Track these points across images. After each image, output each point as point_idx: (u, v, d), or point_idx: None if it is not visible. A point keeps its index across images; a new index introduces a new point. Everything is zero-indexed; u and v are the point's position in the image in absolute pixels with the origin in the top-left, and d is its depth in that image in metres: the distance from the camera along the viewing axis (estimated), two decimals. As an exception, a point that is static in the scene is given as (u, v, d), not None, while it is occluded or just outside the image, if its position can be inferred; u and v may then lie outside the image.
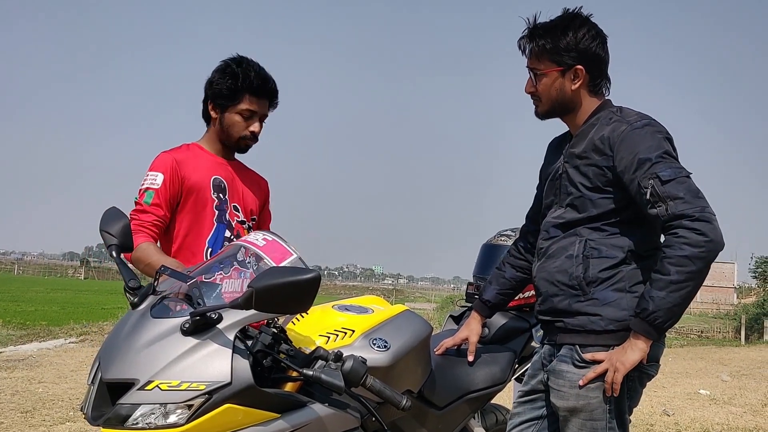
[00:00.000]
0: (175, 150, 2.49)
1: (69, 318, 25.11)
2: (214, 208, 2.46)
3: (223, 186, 2.49)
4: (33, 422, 5.34)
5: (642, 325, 1.87)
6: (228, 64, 2.44)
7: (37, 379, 7.45)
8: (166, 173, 2.39)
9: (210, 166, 2.49)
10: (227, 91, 2.42)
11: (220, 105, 2.46)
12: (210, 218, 2.45)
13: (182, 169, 2.42)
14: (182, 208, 2.42)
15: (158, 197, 2.37)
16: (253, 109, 2.46)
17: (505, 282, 2.44)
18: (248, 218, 2.58)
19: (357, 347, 1.95)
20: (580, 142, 2.08)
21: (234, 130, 2.47)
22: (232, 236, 2.49)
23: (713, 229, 1.80)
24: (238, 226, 2.53)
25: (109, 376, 1.59)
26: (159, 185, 2.37)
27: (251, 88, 2.43)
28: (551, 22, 2.10)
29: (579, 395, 1.98)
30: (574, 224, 2.06)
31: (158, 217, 2.36)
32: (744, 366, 12.62)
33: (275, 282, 1.50)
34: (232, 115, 2.45)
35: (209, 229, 2.45)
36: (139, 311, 1.71)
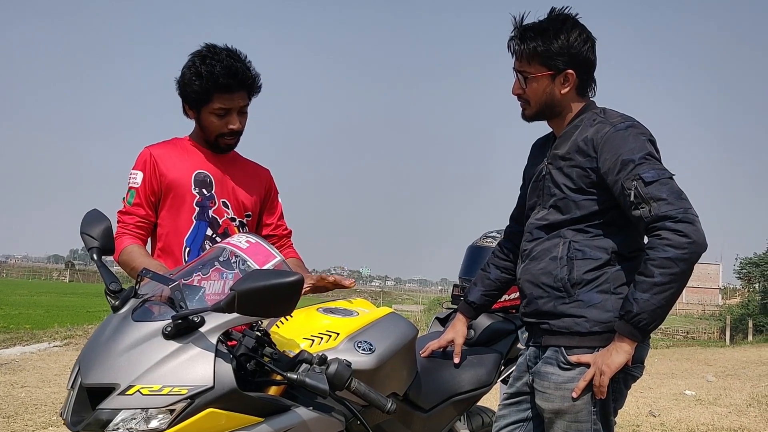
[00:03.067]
0: (158, 144, 2.42)
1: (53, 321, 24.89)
2: (195, 204, 2.36)
3: (208, 181, 2.39)
4: (15, 427, 5.28)
5: (626, 327, 1.87)
6: (193, 62, 2.30)
7: (19, 383, 7.37)
8: (144, 170, 2.33)
9: (196, 160, 2.39)
10: (195, 93, 2.30)
11: (194, 107, 2.36)
12: (189, 215, 2.36)
13: (160, 164, 2.34)
14: (163, 205, 2.35)
15: (139, 197, 2.32)
16: (226, 107, 2.32)
17: (490, 283, 2.43)
18: (240, 215, 2.46)
19: (342, 350, 1.93)
20: (563, 143, 2.07)
21: (211, 129, 2.36)
22: (216, 234, 2.39)
23: (696, 230, 1.80)
24: (226, 222, 2.43)
25: (89, 381, 1.56)
26: (139, 184, 2.31)
27: (218, 87, 2.28)
28: (542, 23, 2.08)
29: (564, 397, 1.97)
30: (557, 226, 2.06)
31: (140, 217, 2.31)
32: (729, 366, 12.71)
33: (258, 285, 1.48)
34: (207, 116, 2.34)
35: (188, 227, 2.36)
36: (121, 314, 1.68)
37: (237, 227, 2.45)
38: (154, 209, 2.35)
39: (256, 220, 2.57)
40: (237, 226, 2.45)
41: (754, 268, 57.36)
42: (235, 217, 2.45)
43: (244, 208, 2.47)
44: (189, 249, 2.35)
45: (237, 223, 2.45)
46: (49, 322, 24.57)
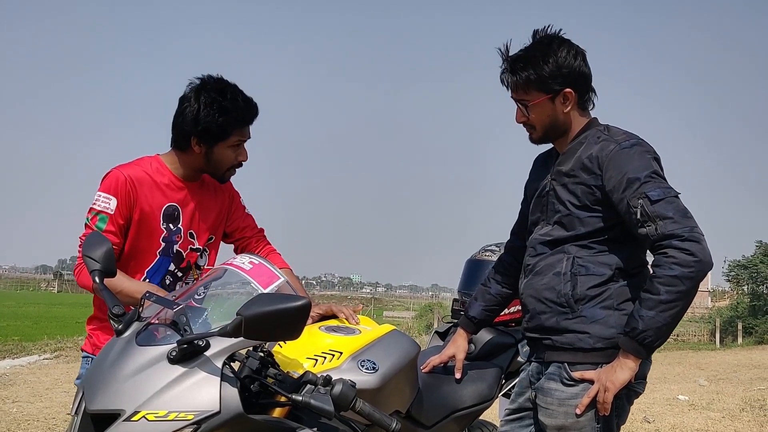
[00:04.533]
0: (132, 167, 2.31)
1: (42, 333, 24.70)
2: (161, 240, 2.34)
3: (176, 215, 2.35)
4: (8, 444, 5.24)
5: (631, 344, 1.88)
6: (214, 98, 2.24)
7: (11, 398, 7.32)
8: (119, 198, 2.24)
9: (165, 191, 2.33)
10: (218, 129, 2.25)
11: (207, 142, 2.28)
12: (154, 250, 2.33)
13: (136, 193, 2.26)
14: (129, 233, 2.29)
15: (112, 224, 2.23)
16: (243, 139, 2.34)
17: (490, 298, 2.43)
18: (203, 242, 2.44)
19: (345, 369, 1.92)
20: (567, 159, 2.08)
21: (224, 163, 2.33)
22: (177, 269, 2.38)
23: (702, 249, 1.81)
24: (190, 255, 2.42)
25: (94, 407, 1.55)
26: (113, 210, 2.23)
27: (243, 120, 2.29)
28: (529, 51, 2.09)
29: (567, 414, 1.98)
30: (561, 242, 2.07)
31: (114, 244, 2.20)
32: (720, 370, 12.77)
33: (265, 310, 1.48)
34: (224, 151, 2.30)
35: (151, 260, 2.34)
36: (124, 339, 1.67)
37: (199, 257, 2.45)
38: (124, 237, 2.29)
39: (221, 234, 2.53)
40: (199, 255, 2.45)
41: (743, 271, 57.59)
42: (199, 248, 2.43)
43: (207, 235, 2.46)
44: (147, 280, 2.33)
45: (200, 252, 2.44)
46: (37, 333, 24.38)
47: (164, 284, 2.36)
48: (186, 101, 2.28)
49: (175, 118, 2.33)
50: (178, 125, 2.31)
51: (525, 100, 2.10)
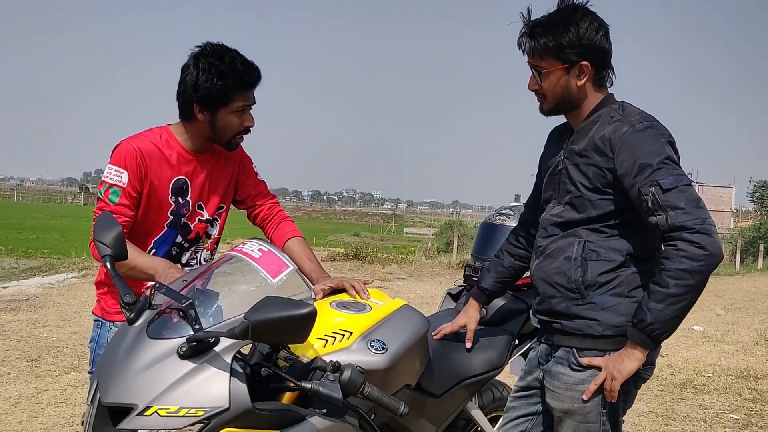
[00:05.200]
0: (142, 139, 2.31)
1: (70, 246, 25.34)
2: (169, 213, 2.35)
3: (184, 188, 2.36)
4: (39, 372, 5.44)
5: (639, 335, 1.88)
6: (211, 63, 2.22)
7: (41, 322, 7.55)
8: (131, 170, 2.24)
9: (176, 163, 2.34)
10: (218, 93, 2.22)
11: (209, 108, 2.26)
12: (162, 222, 2.35)
13: (146, 166, 2.27)
14: (140, 204, 2.31)
15: (125, 197, 2.24)
16: (247, 103, 2.30)
17: (503, 270, 2.43)
18: (213, 213, 2.47)
19: (355, 350, 1.95)
20: (581, 138, 2.04)
21: (229, 130, 2.31)
22: (185, 241, 2.41)
23: (713, 242, 1.79)
24: (198, 226, 2.44)
25: (109, 400, 1.59)
26: (125, 184, 2.24)
27: (242, 84, 2.25)
28: (551, 17, 2.02)
29: (574, 398, 2.00)
30: (573, 224, 2.04)
31: (127, 218, 2.24)
32: (738, 298, 12.80)
33: (271, 316, 1.49)
34: (227, 116, 2.28)
35: (159, 231, 2.36)
36: (136, 329, 1.70)
37: (207, 226, 2.46)
38: (137, 209, 2.30)
39: (229, 203, 2.54)
40: (208, 224, 2.46)
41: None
42: (208, 218, 2.45)
43: (216, 205, 2.46)
44: (154, 250, 2.35)
45: (207, 222, 2.45)
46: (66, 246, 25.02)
47: (170, 255, 2.38)
48: (186, 69, 2.27)
49: (178, 87, 2.30)
50: (181, 94, 2.30)
51: (540, 67, 2.05)
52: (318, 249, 24.99)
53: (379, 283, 13.11)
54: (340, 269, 15.57)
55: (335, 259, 17.42)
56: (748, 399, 5.56)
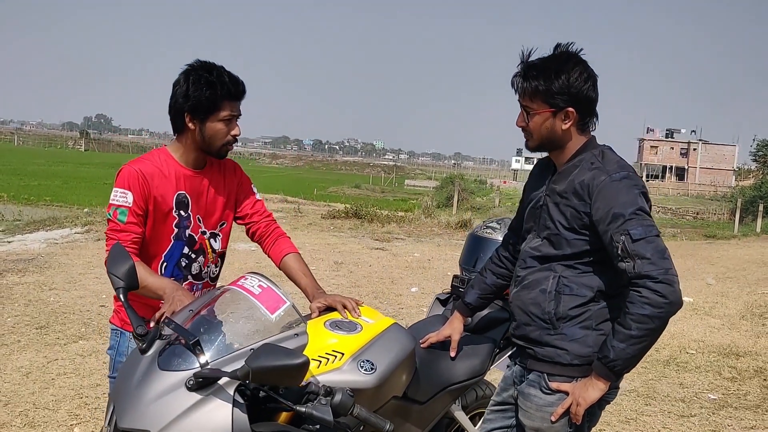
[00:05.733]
0: (143, 162, 2.50)
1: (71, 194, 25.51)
2: (174, 225, 2.52)
3: (186, 202, 2.53)
4: (48, 340, 5.67)
5: (603, 369, 2.07)
6: (200, 74, 2.42)
7: (47, 284, 7.77)
8: (134, 191, 2.42)
9: (176, 180, 2.51)
10: (207, 101, 2.41)
11: (199, 117, 2.45)
12: (168, 235, 2.52)
13: (149, 185, 2.45)
14: (147, 221, 2.48)
15: (132, 215, 2.42)
16: (234, 113, 2.48)
17: (486, 287, 2.61)
18: (214, 227, 2.64)
19: (346, 371, 2.14)
20: (562, 179, 2.19)
21: (217, 138, 2.49)
22: (191, 251, 2.57)
23: (673, 291, 1.96)
24: (201, 238, 2.60)
25: (124, 425, 1.79)
26: (131, 204, 2.42)
27: (229, 94, 2.45)
28: (545, 62, 2.15)
29: (544, 418, 2.21)
30: (549, 259, 2.21)
31: (136, 234, 2.42)
32: (731, 266, 13.01)
33: (269, 364, 1.67)
34: (214, 124, 2.46)
35: (167, 244, 2.53)
36: (148, 358, 1.88)
37: (208, 239, 2.62)
38: (144, 225, 2.47)
39: (234, 217, 2.73)
40: (209, 238, 2.62)
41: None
42: (206, 231, 2.61)
43: (217, 219, 2.64)
44: (165, 263, 2.54)
45: (209, 236, 2.62)
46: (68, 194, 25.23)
47: (180, 266, 2.56)
48: (177, 84, 2.47)
49: (169, 101, 2.50)
50: (173, 106, 2.49)
51: (529, 108, 2.19)
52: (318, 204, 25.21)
53: (378, 244, 13.33)
54: (340, 227, 15.77)
55: (335, 216, 17.59)
56: (727, 378, 5.80)
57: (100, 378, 4.86)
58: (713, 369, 6.04)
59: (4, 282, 7.80)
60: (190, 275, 2.59)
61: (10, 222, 15.44)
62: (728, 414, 4.93)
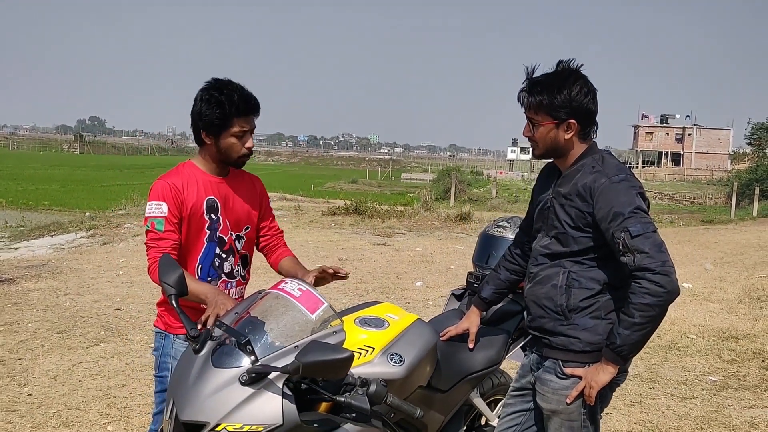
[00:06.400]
0: (172, 176, 2.71)
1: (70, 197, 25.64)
2: (206, 228, 2.72)
3: (215, 206, 2.73)
4: (70, 344, 5.85)
5: (611, 354, 2.29)
6: (212, 94, 2.62)
7: (62, 290, 7.95)
8: (168, 201, 2.63)
9: (204, 187, 2.72)
10: (218, 119, 2.62)
11: (213, 133, 2.66)
12: (202, 238, 2.72)
13: (181, 195, 2.65)
14: (183, 227, 2.68)
15: (169, 223, 2.62)
16: (245, 129, 2.68)
17: (500, 283, 2.83)
18: (239, 229, 2.83)
19: (377, 363, 2.35)
20: (566, 183, 2.40)
21: (232, 151, 2.69)
22: (222, 251, 2.78)
23: (670, 281, 2.18)
24: (230, 239, 2.80)
25: (185, 418, 1.99)
26: (166, 213, 2.62)
27: (239, 111, 2.64)
28: (548, 78, 2.37)
29: (559, 401, 2.42)
30: (558, 256, 2.43)
31: (174, 241, 2.63)
32: (728, 251, 13.23)
33: (319, 359, 1.88)
34: (227, 139, 2.66)
35: (201, 247, 2.73)
36: (202, 357, 2.08)
37: (235, 240, 2.83)
38: (180, 232, 2.68)
39: (255, 227, 2.94)
40: (235, 239, 2.83)
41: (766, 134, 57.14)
42: (232, 233, 2.82)
43: (243, 222, 2.85)
44: (201, 266, 2.74)
45: (235, 237, 2.83)
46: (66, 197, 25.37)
47: (214, 266, 2.77)
48: (195, 102, 2.69)
49: (191, 118, 2.72)
50: (192, 124, 2.72)
51: (534, 119, 2.41)
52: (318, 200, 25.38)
53: (380, 239, 13.53)
54: (341, 224, 15.96)
55: (335, 213, 17.77)
56: (727, 360, 6.02)
57: (124, 379, 5.06)
58: (713, 352, 6.26)
59: (19, 288, 7.98)
60: (223, 274, 2.79)
61: (14, 228, 15.62)
62: (728, 395, 5.15)
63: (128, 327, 6.44)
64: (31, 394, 4.71)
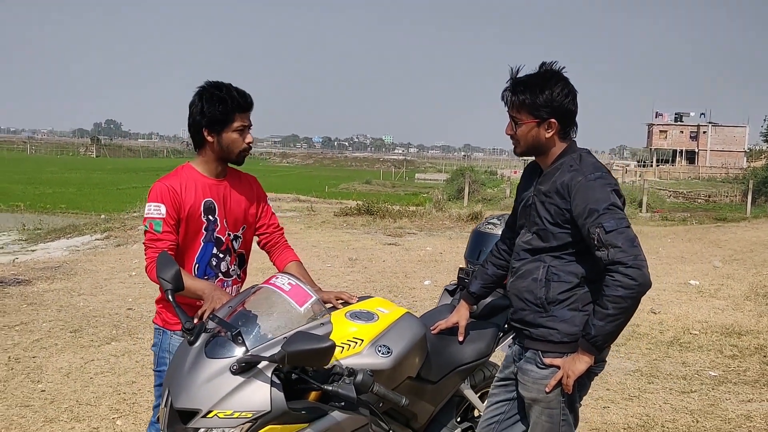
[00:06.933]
0: (170, 178, 2.82)
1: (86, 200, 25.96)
2: (204, 229, 2.82)
3: (213, 207, 2.84)
4: (83, 342, 6.01)
5: (586, 344, 2.39)
6: (212, 93, 2.75)
7: (76, 290, 8.14)
8: (166, 203, 2.73)
9: (202, 189, 2.82)
10: (221, 115, 2.74)
11: (215, 129, 2.77)
12: (199, 238, 2.82)
13: (179, 197, 2.76)
14: (181, 228, 2.79)
15: (167, 225, 2.73)
16: (245, 124, 2.81)
17: (487, 278, 2.93)
18: (237, 229, 2.94)
19: (365, 354, 2.46)
20: (546, 181, 2.50)
21: (234, 146, 2.81)
22: (219, 251, 2.88)
23: (642, 275, 2.28)
24: (227, 239, 2.90)
25: (179, 405, 2.11)
26: (164, 214, 2.73)
27: (239, 107, 2.77)
28: (531, 78, 2.47)
29: (539, 390, 2.52)
30: (539, 251, 2.53)
31: (171, 242, 2.74)
32: (738, 249, 13.19)
33: (303, 348, 1.99)
34: (230, 134, 2.78)
35: (198, 247, 2.83)
36: (196, 349, 2.21)
37: (232, 240, 2.94)
38: (177, 233, 2.79)
39: (252, 227, 3.05)
40: (232, 239, 2.94)
41: (782, 131, 56.68)
42: (230, 233, 2.92)
43: (240, 222, 2.96)
44: (198, 265, 2.85)
45: (232, 237, 2.94)
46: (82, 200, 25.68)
47: (211, 265, 2.88)
48: (193, 104, 2.81)
49: (188, 121, 2.84)
50: (192, 125, 2.83)
51: (517, 118, 2.51)
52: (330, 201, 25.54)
53: (391, 239, 13.65)
54: (353, 224, 16.09)
55: (348, 213, 17.91)
56: (728, 356, 6.07)
57: (134, 376, 5.21)
58: (715, 348, 6.31)
59: (35, 289, 8.18)
60: (220, 273, 2.90)
61: (31, 231, 15.89)
62: (727, 389, 5.21)
63: (139, 326, 6.60)
64: (44, 390, 4.87)
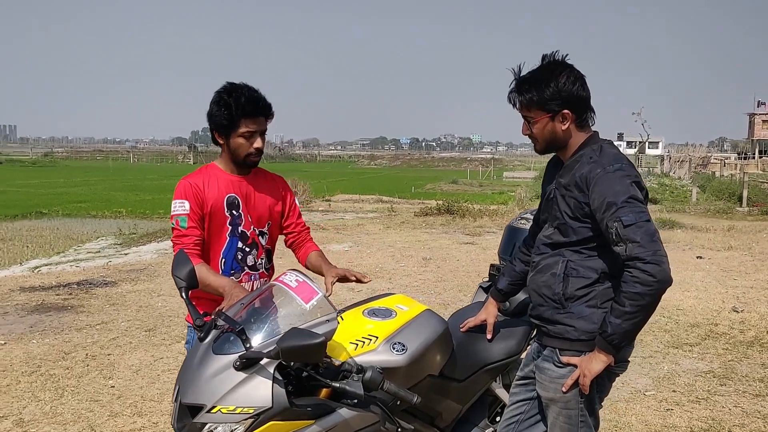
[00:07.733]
0: (194, 176, 2.89)
1: (184, 206, 26.93)
2: (228, 224, 2.87)
3: (236, 203, 2.88)
4: (155, 341, 6.27)
5: (603, 343, 2.28)
6: (221, 96, 2.77)
7: (156, 291, 8.49)
8: (190, 199, 2.80)
9: (225, 185, 2.87)
10: (225, 120, 2.77)
11: (223, 133, 2.82)
12: (224, 233, 2.87)
13: (202, 193, 2.82)
14: (205, 223, 2.85)
15: (192, 220, 2.79)
16: (252, 129, 2.80)
17: (515, 274, 2.85)
18: (262, 225, 2.97)
19: (380, 352, 2.44)
20: (566, 173, 2.41)
21: (240, 150, 2.83)
22: (245, 245, 2.92)
23: (661, 270, 2.15)
24: (253, 234, 2.94)
25: (186, 400, 2.16)
26: (188, 210, 2.79)
27: (245, 113, 2.76)
28: (535, 74, 2.38)
29: (557, 389, 2.43)
30: (559, 246, 2.44)
31: (197, 237, 2.81)
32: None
33: (294, 344, 2.00)
34: (236, 139, 2.80)
35: (224, 242, 2.88)
36: (205, 345, 2.26)
37: (258, 236, 2.97)
38: (203, 228, 2.85)
39: (278, 224, 3.08)
40: (258, 235, 2.98)
41: None
42: (255, 229, 2.96)
43: (265, 219, 2.99)
44: (224, 259, 2.90)
45: (258, 233, 2.98)
46: (180, 207, 26.65)
47: (237, 259, 2.93)
48: (209, 105, 2.84)
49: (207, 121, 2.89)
50: (209, 126, 2.88)
51: (529, 117, 2.43)
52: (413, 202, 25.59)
53: (468, 238, 13.55)
54: (432, 224, 16.07)
55: (427, 213, 17.90)
56: (815, 357, 5.68)
57: (199, 373, 5.37)
58: (801, 349, 5.91)
59: (119, 290, 8.58)
60: (246, 266, 2.95)
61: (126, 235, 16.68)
62: (808, 393, 4.87)
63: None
64: (114, 386, 5.10)
